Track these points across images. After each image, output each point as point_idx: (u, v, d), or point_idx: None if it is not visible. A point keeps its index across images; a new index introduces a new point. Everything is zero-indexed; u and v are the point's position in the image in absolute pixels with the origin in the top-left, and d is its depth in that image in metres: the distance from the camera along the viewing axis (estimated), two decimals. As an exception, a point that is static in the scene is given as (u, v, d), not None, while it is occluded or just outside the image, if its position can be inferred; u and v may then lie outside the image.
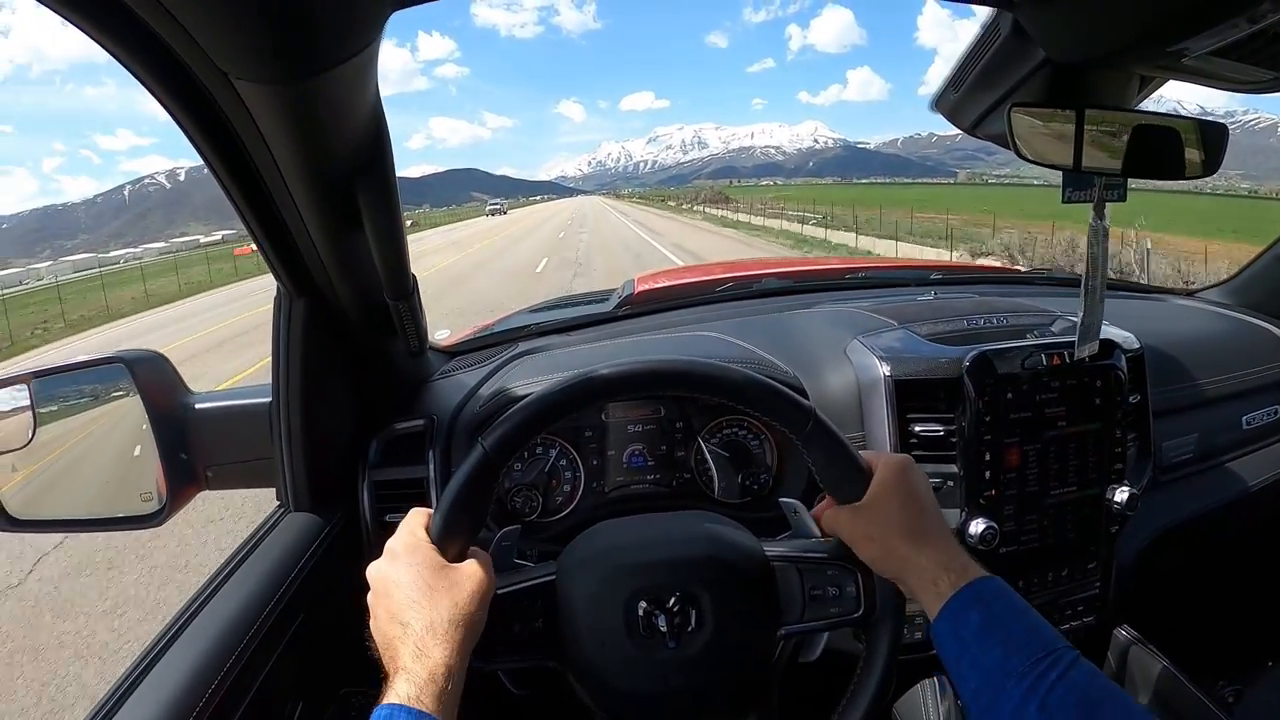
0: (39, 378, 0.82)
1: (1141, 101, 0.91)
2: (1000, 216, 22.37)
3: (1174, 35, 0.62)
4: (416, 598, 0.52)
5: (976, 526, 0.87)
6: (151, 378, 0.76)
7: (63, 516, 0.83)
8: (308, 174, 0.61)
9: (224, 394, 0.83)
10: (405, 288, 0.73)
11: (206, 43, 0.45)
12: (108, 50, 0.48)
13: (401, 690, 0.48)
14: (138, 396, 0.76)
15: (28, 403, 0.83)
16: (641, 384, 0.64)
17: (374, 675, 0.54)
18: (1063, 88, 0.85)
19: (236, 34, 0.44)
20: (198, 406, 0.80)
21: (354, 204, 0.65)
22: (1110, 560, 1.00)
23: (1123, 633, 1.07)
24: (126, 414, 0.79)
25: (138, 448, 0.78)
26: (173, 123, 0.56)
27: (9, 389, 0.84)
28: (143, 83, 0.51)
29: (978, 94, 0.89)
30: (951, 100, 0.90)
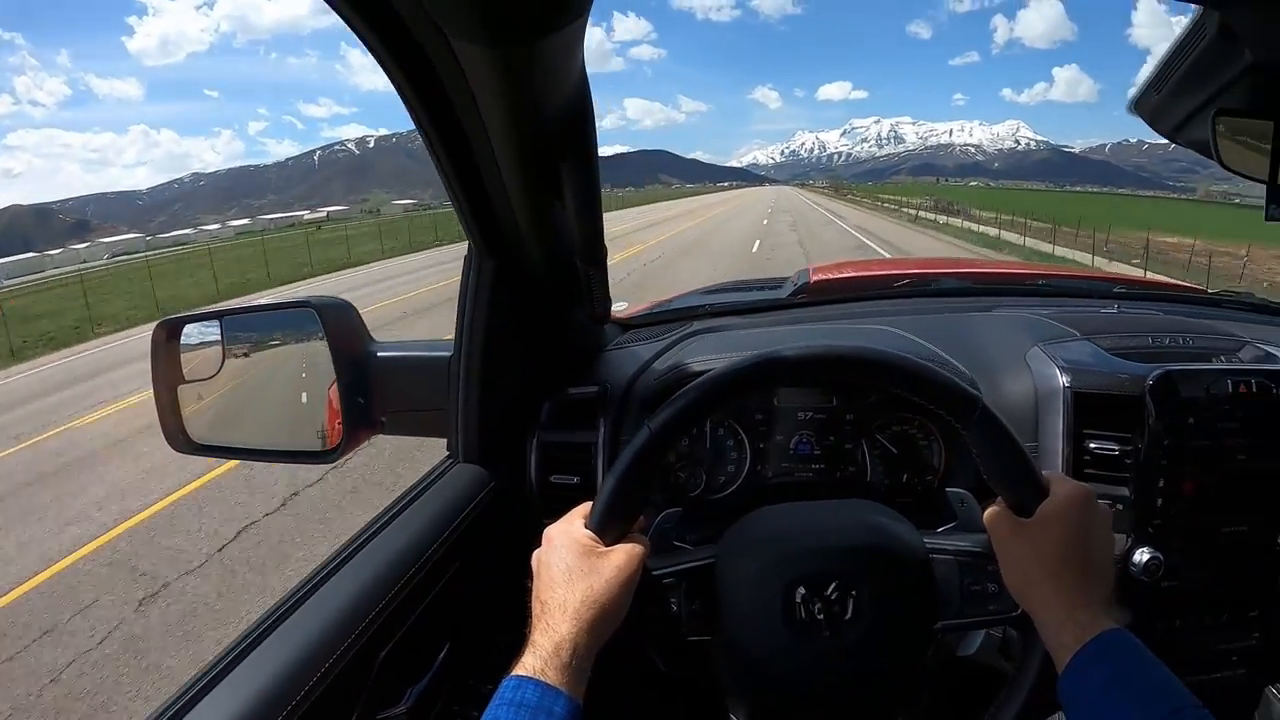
0: (231, 315, 0.89)
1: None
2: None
3: None
4: (557, 579, 0.56)
5: (1141, 556, 0.82)
6: (338, 323, 0.81)
7: (241, 445, 0.89)
8: (514, 138, 0.63)
9: (405, 344, 0.87)
10: (598, 254, 0.75)
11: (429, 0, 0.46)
12: (332, 5, 0.50)
13: (528, 663, 0.51)
14: (324, 340, 0.81)
15: (218, 337, 0.90)
16: (811, 368, 0.64)
17: (518, 630, 0.56)
18: (1271, 95, 0.79)
19: None
20: (379, 354, 0.84)
21: (554, 170, 0.67)
22: (1275, 612, 0.92)
23: (1275, 691, 0.99)
24: (310, 356, 0.84)
25: (319, 388, 0.83)
26: (373, 93, 0.58)
27: (201, 324, 0.91)
28: (361, 38, 0.54)
29: (1180, 97, 0.84)
30: (1152, 102, 0.86)
